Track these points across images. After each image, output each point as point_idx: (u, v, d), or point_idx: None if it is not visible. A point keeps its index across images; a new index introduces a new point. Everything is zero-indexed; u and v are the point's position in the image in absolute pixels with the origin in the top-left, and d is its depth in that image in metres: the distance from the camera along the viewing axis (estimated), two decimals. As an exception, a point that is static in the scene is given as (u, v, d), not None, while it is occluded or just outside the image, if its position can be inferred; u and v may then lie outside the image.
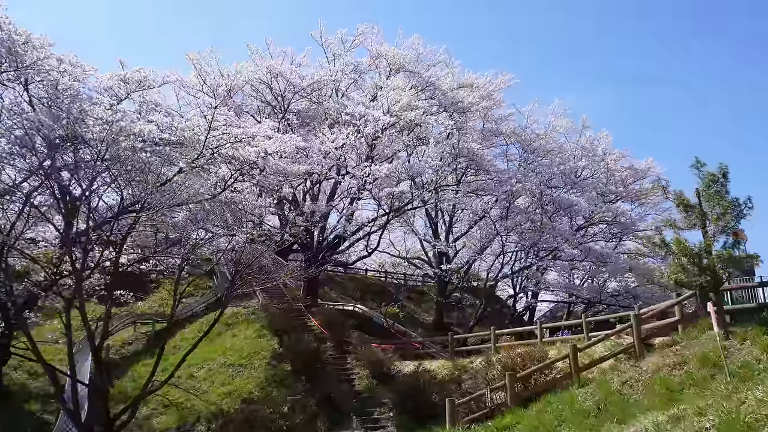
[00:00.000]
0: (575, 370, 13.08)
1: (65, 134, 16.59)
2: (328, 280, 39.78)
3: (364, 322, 28.54)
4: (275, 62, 30.52)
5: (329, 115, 30.21)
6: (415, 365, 19.92)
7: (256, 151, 21.25)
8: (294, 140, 22.26)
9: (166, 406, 21.07)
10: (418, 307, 39.43)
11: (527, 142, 35.38)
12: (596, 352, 15.04)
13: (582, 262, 32.48)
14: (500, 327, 23.35)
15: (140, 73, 20.20)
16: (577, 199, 30.77)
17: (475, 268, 38.87)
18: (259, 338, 24.58)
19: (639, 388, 11.62)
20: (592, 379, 13.26)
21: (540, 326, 19.22)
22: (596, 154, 37.41)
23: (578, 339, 17.51)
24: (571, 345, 13.24)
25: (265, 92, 31.41)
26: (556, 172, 33.97)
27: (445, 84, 33.25)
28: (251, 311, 29.01)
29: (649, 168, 38.66)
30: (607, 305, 33.52)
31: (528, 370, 13.64)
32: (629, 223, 34.61)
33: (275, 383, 20.49)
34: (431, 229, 36.47)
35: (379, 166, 25.48)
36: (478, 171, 32.32)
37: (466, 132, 32.91)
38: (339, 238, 32.18)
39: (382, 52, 32.91)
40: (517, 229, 29.79)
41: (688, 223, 12.64)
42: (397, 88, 29.74)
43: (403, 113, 28.49)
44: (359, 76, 33.35)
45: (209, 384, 21.96)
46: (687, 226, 12.68)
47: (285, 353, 21.83)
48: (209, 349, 25.51)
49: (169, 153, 18.25)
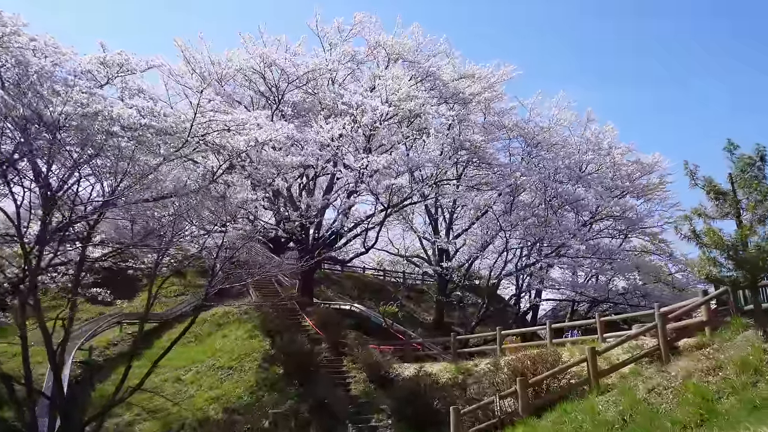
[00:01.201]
0: (594, 376, 11.81)
1: (28, 115, 15.24)
2: (324, 278, 38.59)
3: (362, 322, 27.27)
4: (269, 50, 29.18)
5: (325, 104, 28.91)
6: (416, 368, 18.60)
7: (246, 139, 19.96)
8: (287, 129, 20.95)
9: (151, 411, 19.76)
10: (418, 307, 38.24)
11: (530, 136, 34.15)
12: (612, 355, 13.80)
13: (588, 259, 31.27)
14: (503, 327, 21.99)
15: (121, 56, 18.91)
16: (585, 192, 29.46)
17: (476, 266, 37.69)
18: (251, 339, 23.30)
19: (668, 396, 10.35)
20: (613, 385, 11.98)
21: (549, 326, 17.85)
22: (602, 148, 36.16)
23: (592, 341, 16.24)
24: (589, 348, 11.96)
25: (258, 82, 30.11)
26: (561, 166, 32.75)
27: (445, 74, 31.97)
28: (244, 310, 27.77)
29: (656, 162, 37.42)
30: (614, 304, 32.19)
31: (541, 375, 12.34)
32: (637, 219, 33.38)
33: (266, 387, 19.19)
34: (431, 226, 35.28)
35: (377, 157, 24.16)
36: (480, 164, 31.06)
37: (468, 124, 31.70)
38: (336, 235, 30.91)
39: (380, 41, 31.62)
40: (522, 224, 28.47)
41: (719, 212, 11.38)
42: (395, 77, 28.43)
43: (402, 103, 27.22)
44: (357, 66, 32.01)
45: (196, 388, 20.66)
46: (718, 216, 11.40)
47: (277, 355, 20.53)
48: (198, 351, 24.27)
49: (151, 140, 16.90)
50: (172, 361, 23.52)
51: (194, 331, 26.64)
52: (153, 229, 17.99)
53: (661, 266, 38.06)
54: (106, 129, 15.24)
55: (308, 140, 25.79)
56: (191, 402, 19.56)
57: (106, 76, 19.09)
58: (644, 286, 33.58)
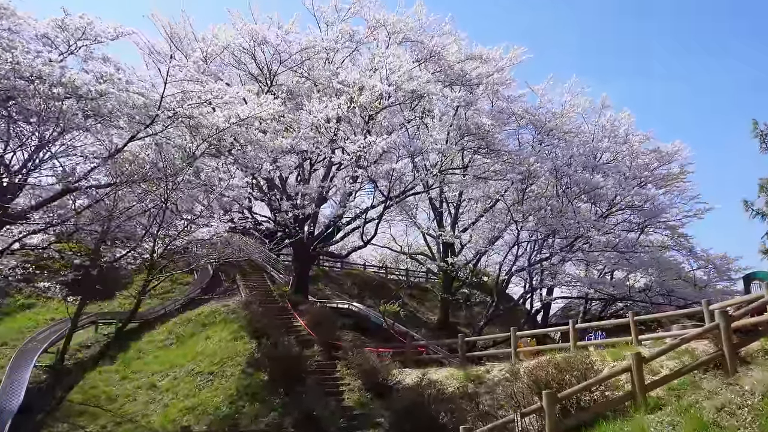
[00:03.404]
0: (640, 388, 9.42)
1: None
2: (322, 275, 36.32)
3: (361, 322, 24.92)
4: (259, 27, 26.85)
5: (320, 84, 26.53)
6: (419, 375, 16.19)
7: (226, 116, 17.66)
8: (274, 105, 18.59)
9: (119, 423, 17.45)
10: (421, 306, 35.95)
11: (542, 123, 31.61)
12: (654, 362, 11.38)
13: (604, 254, 28.84)
14: (514, 327, 19.49)
15: (83, 20, 16.57)
16: (604, 180, 26.97)
17: (483, 262, 35.35)
18: (235, 341, 20.97)
19: (745, 417, 7.98)
20: (664, 401, 9.60)
21: (573, 327, 15.40)
22: (618, 135, 33.67)
23: (625, 344, 13.82)
24: (634, 354, 9.57)
25: (248, 63, 27.81)
26: (576, 154, 30.29)
27: (451, 55, 29.55)
28: (231, 309, 25.48)
29: (677, 151, 34.83)
30: (633, 302, 29.63)
31: (574, 388, 9.94)
32: (658, 211, 30.88)
33: (247, 396, 16.83)
34: (436, 220, 32.94)
35: (376, 138, 21.78)
36: (489, 152, 28.63)
37: (476, 110, 29.29)
38: (333, 226, 28.60)
39: (380, 20, 29.12)
40: (535, 215, 26.02)
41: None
42: (396, 55, 26.04)
43: (405, 84, 24.86)
44: (356, 48, 29.60)
45: (172, 396, 18.33)
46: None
47: (262, 359, 18.16)
48: (178, 354, 21.98)
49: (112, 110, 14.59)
50: (149, 366, 21.31)
51: (176, 332, 24.43)
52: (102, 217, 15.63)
53: (681, 262, 35.64)
54: (46, 93, 12.89)
55: (301, 121, 23.50)
56: (164, 412, 17.24)
57: (65, 41, 16.82)
58: (665, 283, 31.01)
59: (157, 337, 24.15)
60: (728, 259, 35.59)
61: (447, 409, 13.69)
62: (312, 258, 30.10)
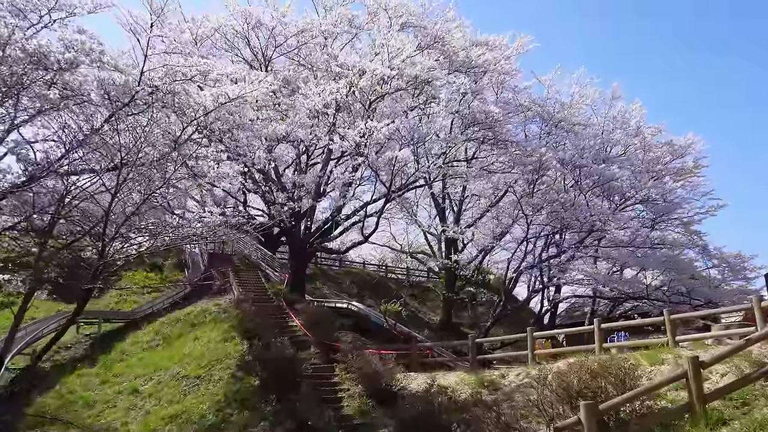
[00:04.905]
0: (699, 399, 7.88)
1: None
2: (320, 274, 34.83)
3: (360, 322, 23.33)
4: (254, 9, 25.33)
5: (318, 70, 24.99)
6: (426, 380, 14.61)
7: (214, 94, 16.09)
8: (267, 83, 17.02)
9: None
10: (423, 306, 34.47)
11: (549, 114, 30.15)
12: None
13: (617, 250, 27.36)
14: (521, 328, 17.93)
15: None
16: (619, 172, 25.45)
17: (487, 261, 33.84)
18: (225, 342, 19.38)
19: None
20: (726, 414, 8.06)
21: (598, 326, 13.84)
22: (630, 127, 32.21)
23: (662, 345, 12.26)
24: (691, 358, 8.03)
25: (242, 47, 26.27)
26: (587, 146, 28.81)
27: (456, 41, 28.04)
28: (223, 308, 23.93)
29: (690, 144, 33.32)
30: (651, 300, 28.03)
31: (619, 398, 8.37)
32: (673, 206, 29.37)
33: (236, 403, 15.22)
34: (438, 216, 31.44)
35: (378, 124, 20.22)
36: (496, 143, 27.11)
37: (482, 98, 27.77)
38: (332, 221, 27.03)
39: (382, 3, 27.66)
40: (547, 207, 24.46)
41: None
42: (398, 39, 24.53)
43: (407, 68, 23.36)
44: (355, 34, 28.08)
45: (155, 402, 16.71)
46: None
47: (252, 362, 16.56)
48: (164, 356, 20.38)
49: (83, 83, 13.02)
50: (133, 369, 19.70)
51: (163, 333, 22.86)
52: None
53: (695, 260, 34.14)
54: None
55: (297, 107, 21.95)
56: (145, 420, 15.63)
57: (38, 13, 15.24)
58: (680, 281, 29.47)
59: (143, 338, 22.57)
60: (743, 257, 34.15)
61: (461, 419, 12.08)
62: (309, 255, 28.57)
